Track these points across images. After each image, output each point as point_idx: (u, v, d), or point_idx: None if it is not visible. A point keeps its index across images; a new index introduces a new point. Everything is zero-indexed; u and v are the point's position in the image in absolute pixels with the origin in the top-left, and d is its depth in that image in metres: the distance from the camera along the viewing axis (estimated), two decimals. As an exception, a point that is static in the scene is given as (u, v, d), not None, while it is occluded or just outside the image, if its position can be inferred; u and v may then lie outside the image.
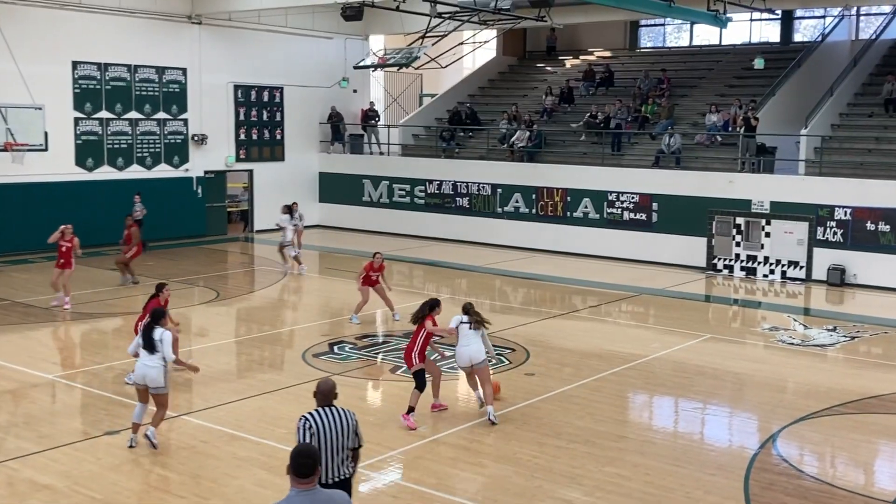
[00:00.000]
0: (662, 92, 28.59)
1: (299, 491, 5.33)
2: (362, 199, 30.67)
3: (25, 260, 22.74)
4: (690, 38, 33.95)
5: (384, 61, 30.50)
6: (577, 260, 25.23)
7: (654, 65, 31.41)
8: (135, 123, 26.78)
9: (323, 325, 17.44)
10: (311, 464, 5.36)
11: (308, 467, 5.34)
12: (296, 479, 5.35)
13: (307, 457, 5.39)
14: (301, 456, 5.38)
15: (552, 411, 12.18)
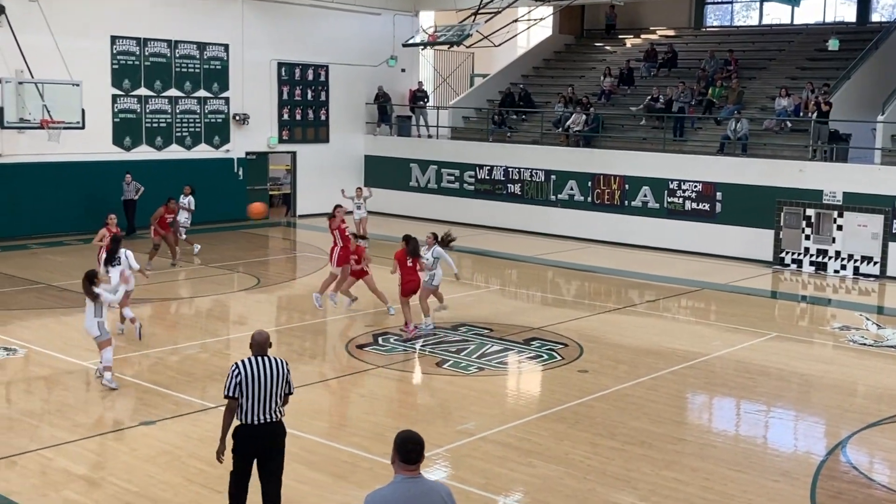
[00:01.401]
0: (729, 74, 28.25)
1: (405, 477, 5.49)
2: (409, 184, 30.73)
3: (61, 242, 23.12)
4: (760, 16, 33.50)
5: (434, 39, 30.50)
6: (635, 251, 25.07)
7: (720, 45, 31.04)
8: (174, 101, 27.08)
9: (367, 315, 17.50)
10: (418, 450, 5.51)
11: (416, 453, 5.49)
12: (402, 466, 5.50)
13: (415, 443, 5.52)
14: (409, 442, 5.51)
15: (606, 410, 12.14)
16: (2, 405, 12.04)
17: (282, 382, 8.08)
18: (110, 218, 17.23)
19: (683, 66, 30.50)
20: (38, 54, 22.25)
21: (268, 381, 7.98)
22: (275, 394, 8.02)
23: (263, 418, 8.00)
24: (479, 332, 16.03)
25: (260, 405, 7.97)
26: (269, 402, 8.00)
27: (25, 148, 23.76)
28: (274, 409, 8.05)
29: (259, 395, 7.95)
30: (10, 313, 16.80)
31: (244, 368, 7.98)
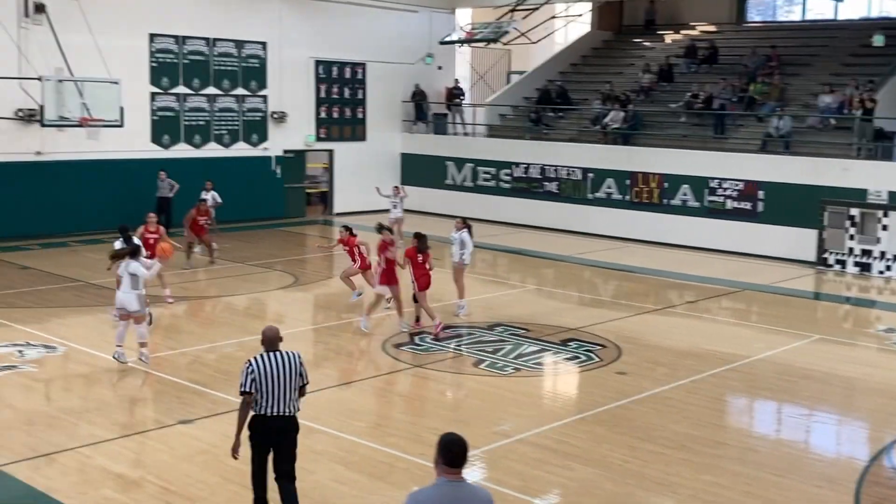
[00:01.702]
0: (771, 70, 27.99)
1: (448, 480, 5.50)
2: (445, 182, 30.76)
3: (100, 240, 23.28)
4: (803, 11, 33.16)
5: (471, 36, 30.53)
6: (674, 251, 24.93)
7: (762, 41, 30.76)
8: (212, 99, 27.28)
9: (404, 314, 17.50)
10: (463, 454, 5.52)
11: (460, 457, 5.50)
12: (445, 469, 5.51)
13: (460, 446, 5.53)
14: (454, 445, 5.52)
15: (645, 413, 12.08)
16: (41, 402, 12.21)
17: (296, 376, 8.28)
18: (150, 216, 17.40)
19: (724, 63, 30.25)
20: (78, 52, 22.48)
21: (282, 375, 8.19)
22: (290, 388, 8.23)
23: (278, 410, 8.21)
24: (515, 333, 16.01)
25: (275, 399, 8.18)
26: (284, 396, 8.21)
27: (65, 146, 24.03)
28: (289, 403, 8.26)
29: (274, 389, 8.16)
30: (50, 311, 17.01)
31: (258, 364, 8.18)
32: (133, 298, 13.25)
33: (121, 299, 13.34)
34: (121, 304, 13.37)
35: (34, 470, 9.83)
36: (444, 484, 5.50)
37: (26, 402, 12.12)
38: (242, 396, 8.21)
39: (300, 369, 8.35)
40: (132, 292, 13.25)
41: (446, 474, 5.52)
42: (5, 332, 15.20)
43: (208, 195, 23.08)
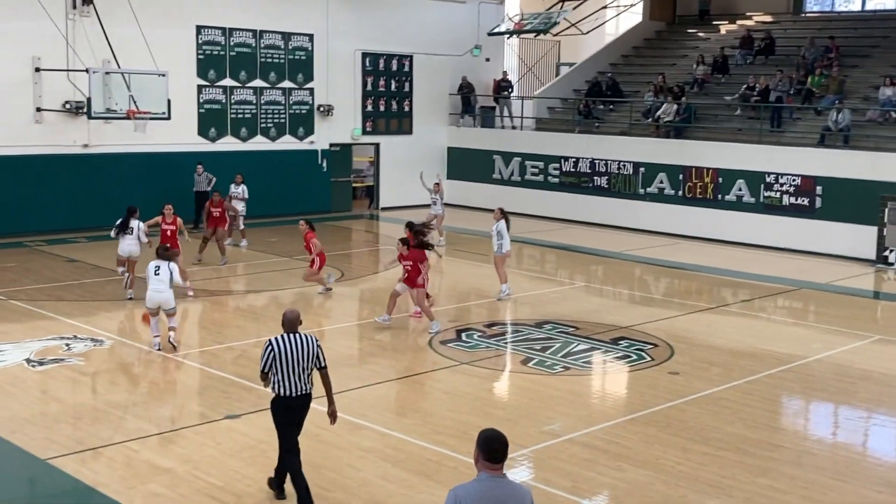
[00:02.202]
0: (830, 62, 27.61)
1: (490, 476, 5.55)
2: (492, 177, 30.72)
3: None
4: (863, 1, 32.68)
5: (520, 27, 30.47)
6: (728, 248, 24.71)
7: (820, 31, 30.37)
8: (259, 92, 27.47)
9: (449, 310, 17.56)
10: (503, 450, 5.56)
11: (500, 453, 5.55)
12: (486, 464, 5.56)
13: (500, 442, 5.56)
14: (494, 441, 5.57)
15: (699, 414, 11.99)
16: (88, 396, 12.38)
17: (312, 357, 8.91)
18: (167, 208, 18.00)
19: (781, 54, 29.91)
20: (125, 45, 22.70)
21: (299, 356, 8.83)
22: (306, 367, 8.90)
23: (297, 391, 8.87)
24: (564, 330, 15.96)
25: (293, 378, 8.83)
26: (301, 375, 8.87)
27: (112, 138, 24.35)
28: (306, 383, 8.92)
29: (292, 368, 8.81)
30: (97, 304, 17.24)
31: (277, 345, 8.82)
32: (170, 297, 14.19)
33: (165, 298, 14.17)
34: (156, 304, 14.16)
35: (81, 463, 9.97)
36: (486, 479, 5.54)
37: (73, 395, 12.30)
38: (263, 379, 8.96)
39: (317, 352, 8.94)
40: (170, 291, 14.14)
41: (487, 470, 5.56)
42: (53, 326, 15.45)
43: (238, 188, 23.26)
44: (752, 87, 27.36)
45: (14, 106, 23.13)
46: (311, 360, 8.93)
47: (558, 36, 32.10)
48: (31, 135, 23.49)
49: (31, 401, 11.91)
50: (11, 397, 11.97)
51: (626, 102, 30.07)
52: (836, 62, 27.56)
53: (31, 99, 23.36)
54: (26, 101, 23.32)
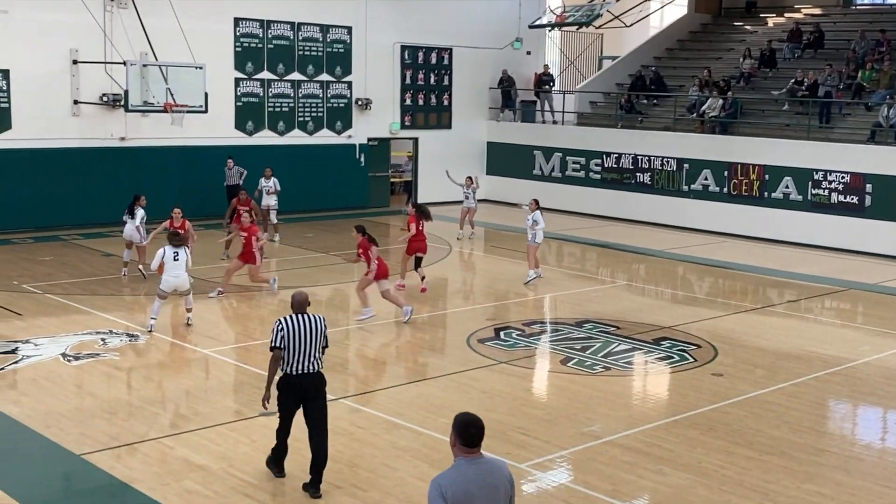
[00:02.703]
0: (881, 56, 27.27)
1: (468, 460, 5.73)
2: (532, 173, 30.65)
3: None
4: (916, -5, 32.27)
5: (562, 20, 30.34)
6: (775, 247, 24.48)
7: (871, 24, 29.99)
8: (297, 85, 27.59)
9: (488, 308, 17.55)
10: (479, 433, 5.73)
11: (476, 437, 5.73)
12: (463, 449, 5.74)
13: (476, 426, 5.74)
14: (470, 426, 5.73)
15: (743, 417, 11.89)
16: (123, 392, 12.49)
17: (320, 336, 9.31)
18: (175, 211, 17.94)
19: (831, 47, 29.60)
20: (162, 37, 22.93)
21: (308, 335, 9.21)
22: (314, 347, 9.25)
23: (305, 369, 9.21)
24: (604, 330, 15.89)
25: (302, 356, 9.18)
26: (309, 354, 9.21)
27: (149, 131, 24.57)
28: (314, 361, 9.25)
29: (300, 347, 9.17)
30: (133, 299, 17.40)
31: (287, 324, 9.23)
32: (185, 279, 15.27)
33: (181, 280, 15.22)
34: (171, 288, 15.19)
35: (116, 459, 10.06)
36: (464, 464, 5.71)
37: (108, 390, 12.42)
38: (272, 352, 9.28)
39: (324, 332, 9.39)
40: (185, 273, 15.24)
41: (464, 454, 5.73)
42: (88, 320, 15.61)
43: (269, 182, 23.28)
44: (801, 82, 27.08)
45: (51, 98, 23.39)
46: (319, 339, 9.30)
47: (601, 29, 31.92)
48: (68, 128, 23.75)
49: (67, 395, 12.04)
50: (47, 392, 12.10)
51: (671, 97, 29.88)
52: (888, 56, 27.21)
53: (69, 91, 23.60)
54: (64, 94, 23.58)
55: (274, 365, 9.33)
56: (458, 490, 5.61)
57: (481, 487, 5.68)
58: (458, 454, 5.75)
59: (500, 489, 5.78)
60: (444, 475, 5.70)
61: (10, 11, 22.62)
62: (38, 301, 16.81)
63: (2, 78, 22.74)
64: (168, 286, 15.06)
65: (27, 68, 22.91)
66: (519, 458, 10.33)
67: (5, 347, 13.86)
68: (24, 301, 16.73)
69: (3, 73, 22.73)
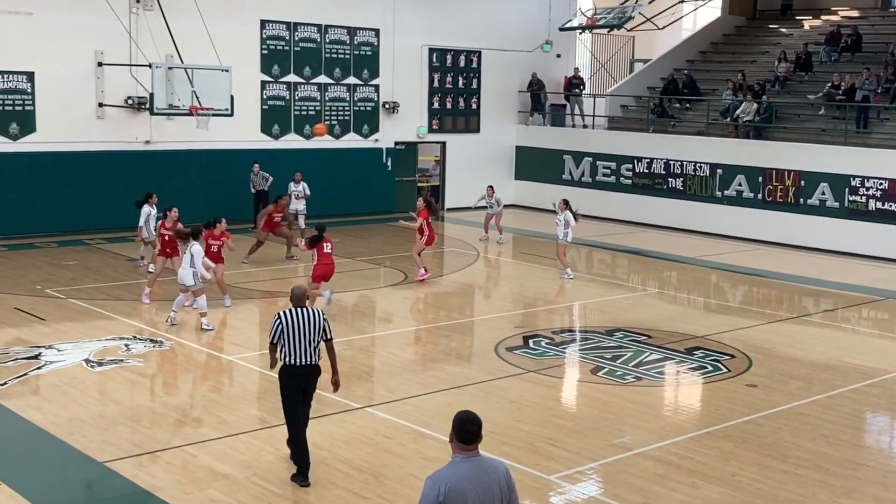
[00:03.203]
0: (921, 60, 27.06)
1: (464, 457, 5.90)
2: (562, 178, 30.57)
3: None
4: (958, -4, 31.99)
5: (593, 22, 30.28)
6: (811, 255, 24.31)
7: (911, 28, 29.79)
8: (324, 88, 27.66)
9: (516, 315, 17.52)
10: (475, 430, 5.89)
11: (473, 434, 5.88)
12: (460, 446, 5.90)
13: (473, 423, 5.90)
14: (467, 423, 5.90)
15: (777, 430, 11.80)
16: (146, 398, 12.55)
17: (318, 330, 9.78)
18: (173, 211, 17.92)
19: (869, 51, 29.37)
20: (188, 39, 23.01)
21: (306, 328, 9.70)
22: (313, 339, 9.74)
23: (303, 360, 9.72)
24: (636, 339, 15.81)
25: (300, 348, 9.69)
26: (308, 346, 9.72)
27: (174, 135, 24.70)
28: (311, 353, 9.76)
29: (299, 339, 9.69)
30: (157, 304, 17.47)
31: (285, 318, 9.75)
32: (189, 274, 15.50)
33: (180, 275, 15.73)
34: (181, 280, 15.70)
35: (139, 467, 10.10)
36: (461, 461, 5.88)
37: (132, 397, 12.48)
38: (271, 351, 9.96)
39: (324, 325, 9.84)
40: (189, 269, 15.49)
41: (461, 451, 5.90)
42: (112, 326, 15.70)
43: (298, 187, 23.32)
44: (837, 86, 26.89)
45: (76, 101, 23.58)
46: (318, 332, 9.78)
47: (633, 31, 31.84)
48: (92, 131, 23.93)
49: (90, 402, 12.10)
50: (70, 398, 12.17)
51: (704, 101, 29.74)
52: (928, 60, 27.00)
53: (94, 94, 23.79)
54: (88, 97, 23.76)
55: (273, 355, 10.03)
56: (451, 486, 5.74)
57: (475, 485, 5.80)
58: (456, 451, 5.91)
59: (494, 488, 5.89)
60: (439, 472, 5.87)
61: (35, 14, 22.81)
62: (62, 306, 16.94)
63: (26, 80, 22.95)
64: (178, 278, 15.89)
65: (52, 71, 23.10)
66: (548, 469, 10.30)
67: (29, 353, 13.98)
68: (47, 306, 16.87)
69: (27, 76, 22.93)
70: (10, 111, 22.84)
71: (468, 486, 5.78)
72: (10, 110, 22.84)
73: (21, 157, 22.98)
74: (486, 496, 5.83)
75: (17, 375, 12.95)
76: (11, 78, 22.77)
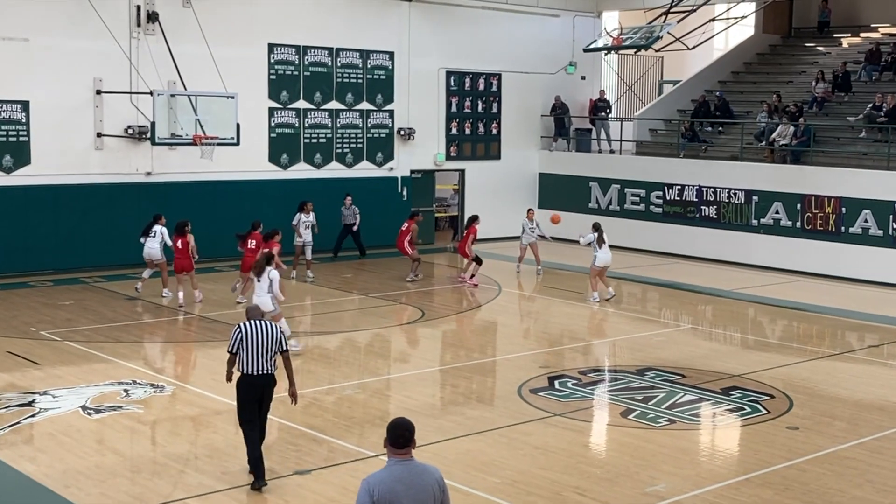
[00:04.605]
0: (968, 79, 26.97)
1: (398, 460, 6.57)
2: (588, 206, 30.53)
3: (212, 268, 23.88)
4: None
5: (619, 42, 30.24)
6: (854, 287, 24.20)
7: (957, 45, 29.70)
8: (335, 115, 27.73)
9: (540, 354, 17.42)
10: (407, 435, 6.57)
11: (405, 438, 6.56)
12: (393, 450, 6.58)
13: (404, 429, 6.58)
14: (399, 428, 6.58)
15: (821, 475, 11.67)
16: (147, 447, 12.50)
17: (274, 342, 10.99)
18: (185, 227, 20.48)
19: (912, 70, 29.34)
20: (192, 65, 23.14)
21: (262, 339, 10.92)
22: (268, 350, 10.94)
23: (259, 370, 10.91)
24: (668, 379, 15.71)
25: (256, 358, 10.88)
26: (263, 357, 10.91)
27: (177, 166, 24.75)
28: (268, 363, 10.95)
29: (255, 350, 10.89)
30: (158, 346, 17.47)
31: (244, 328, 10.99)
32: (268, 300, 15.89)
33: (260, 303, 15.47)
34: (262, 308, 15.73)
35: (139, 522, 10.04)
36: (394, 464, 6.55)
37: (131, 446, 12.43)
38: (229, 355, 11.04)
39: (280, 337, 11.09)
40: (267, 295, 15.97)
41: (395, 455, 6.57)
42: (111, 370, 15.67)
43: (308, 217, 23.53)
44: (879, 107, 26.82)
45: (73, 131, 23.56)
46: (274, 343, 10.99)
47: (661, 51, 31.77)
48: (90, 162, 23.95)
49: (87, 452, 12.05)
50: (65, 448, 12.12)
51: (737, 124, 29.70)
52: (976, 78, 26.90)
53: (92, 123, 23.82)
54: (86, 126, 23.77)
55: (231, 364, 11.13)
56: (384, 487, 6.41)
57: (408, 486, 6.44)
58: (390, 455, 6.58)
59: (428, 490, 6.53)
60: (373, 474, 6.55)
61: (30, 39, 22.89)
62: (57, 349, 16.92)
63: (21, 110, 23.02)
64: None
65: (48, 99, 23.15)
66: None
67: (21, 399, 13.94)
68: (42, 349, 16.85)
69: (22, 105, 22.98)
70: (3, 142, 22.83)
71: (401, 487, 6.42)
72: (3, 141, 22.83)
73: (15, 191, 22.98)
74: (421, 497, 6.47)
75: (10, 424, 12.90)
76: (5, 107, 22.80)
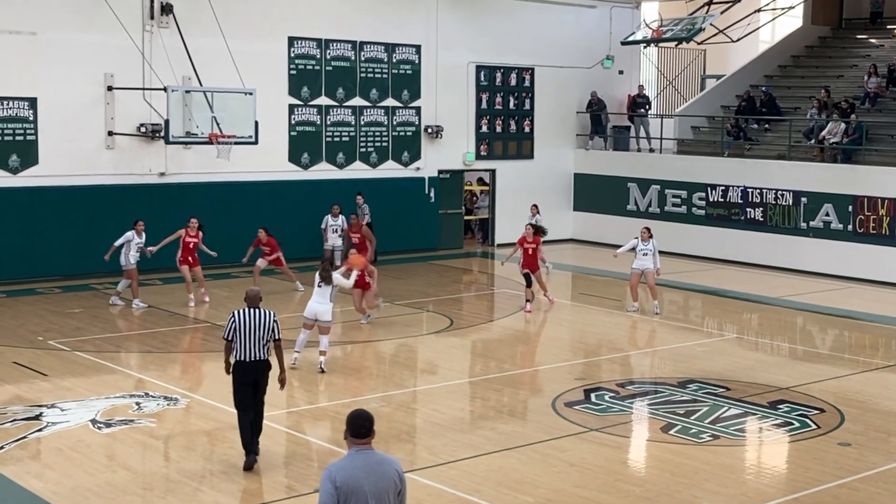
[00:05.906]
0: None
1: (358, 450, 6.99)
2: (626, 208, 30.47)
3: (227, 274, 23.91)
4: None
5: (659, 35, 30.22)
6: (910, 293, 24.01)
7: None
8: (359, 112, 27.76)
9: (576, 365, 17.37)
10: (368, 426, 7.01)
11: (364, 429, 7.00)
12: (353, 440, 7.01)
13: (364, 419, 7.03)
14: (358, 418, 7.03)
15: (875, 495, 11.59)
16: (160, 464, 12.50)
17: (267, 329, 11.84)
18: (192, 222, 21.50)
19: (972, 63, 29.12)
20: (208, 59, 23.13)
21: (256, 327, 11.80)
22: (262, 337, 11.82)
23: (253, 356, 11.79)
24: (712, 392, 15.63)
25: (250, 345, 11.78)
26: (257, 343, 11.80)
27: (192, 166, 24.85)
28: (262, 350, 11.83)
29: (249, 337, 11.78)
30: (172, 356, 17.50)
31: (238, 316, 11.91)
32: (329, 310, 16.34)
33: (318, 311, 16.28)
34: (319, 316, 16.31)
35: (151, 542, 10.03)
36: (355, 453, 6.97)
37: (143, 462, 12.44)
38: (225, 342, 12.08)
39: (272, 326, 11.90)
40: (328, 304, 16.34)
41: (355, 445, 6.99)
42: (122, 381, 15.72)
43: (336, 220, 23.77)
44: (938, 102, 26.62)
45: (83, 130, 23.69)
46: (268, 331, 11.81)
47: (704, 44, 31.71)
48: (101, 162, 24.09)
49: (96, 468, 12.07)
50: (74, 464, 12.15)
51: (785, 121, 29.58)
52: None
53: (103, 122, 23.95)
54: (97, 125, 23.91)
55: (227, 352, 12.14)
56: (346, 475, 6.83)
57: (369, 474, 6.88)
58: (350, 445, 7.00)
59: (387, 478, 6.96)
60: (335, 463, 7.00)
61: (38, 33, 23.02)
62: (66, 359, 16.98)
63: (28, 107, 23.15)
64: (308, 311, 16.42)
65: (56, 96, 23.29)
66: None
67: (28, 413, 13.99)
68: (49, 359, 16.92)
69: (29, 102, 23.13)
70: (9, 141, 22.99)
71: (362, 474, 6.85)
72: (9, 140, 22.98)
73: (21, 193, 23.13)
74: (381, 484, 6.90)
75: (16, 439, 12.94)
76: (11, 105, 22.93)
